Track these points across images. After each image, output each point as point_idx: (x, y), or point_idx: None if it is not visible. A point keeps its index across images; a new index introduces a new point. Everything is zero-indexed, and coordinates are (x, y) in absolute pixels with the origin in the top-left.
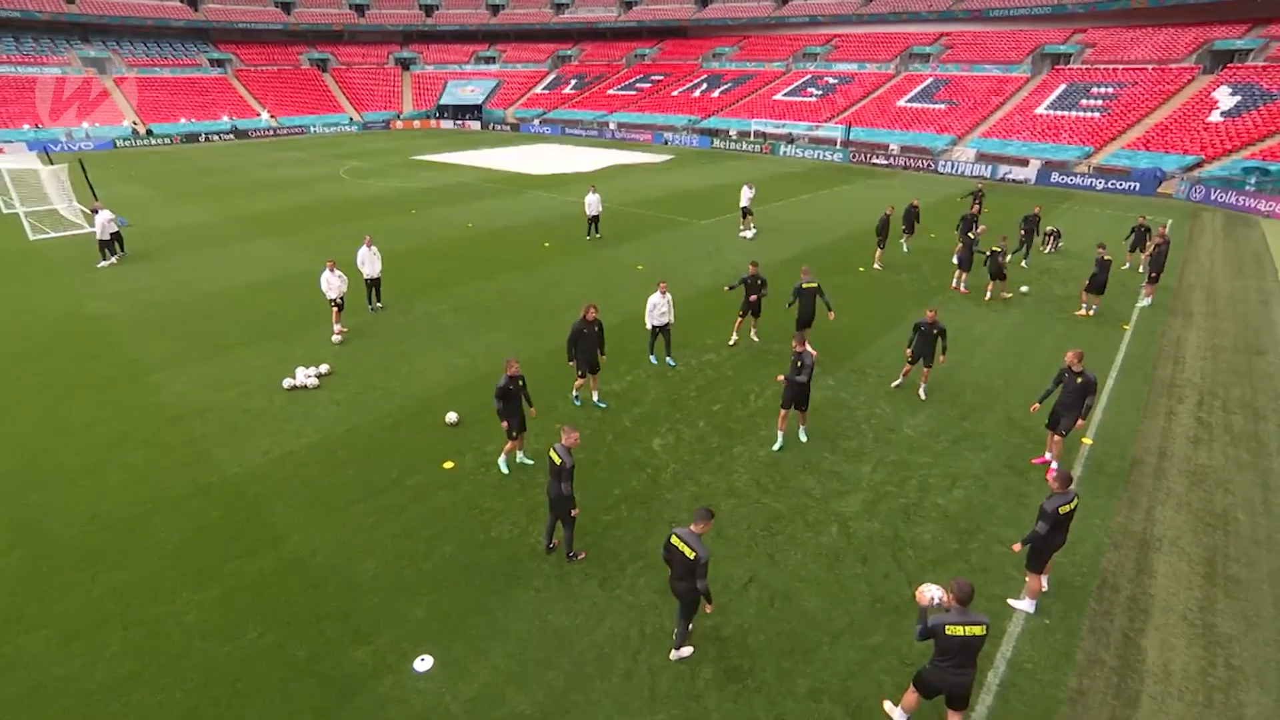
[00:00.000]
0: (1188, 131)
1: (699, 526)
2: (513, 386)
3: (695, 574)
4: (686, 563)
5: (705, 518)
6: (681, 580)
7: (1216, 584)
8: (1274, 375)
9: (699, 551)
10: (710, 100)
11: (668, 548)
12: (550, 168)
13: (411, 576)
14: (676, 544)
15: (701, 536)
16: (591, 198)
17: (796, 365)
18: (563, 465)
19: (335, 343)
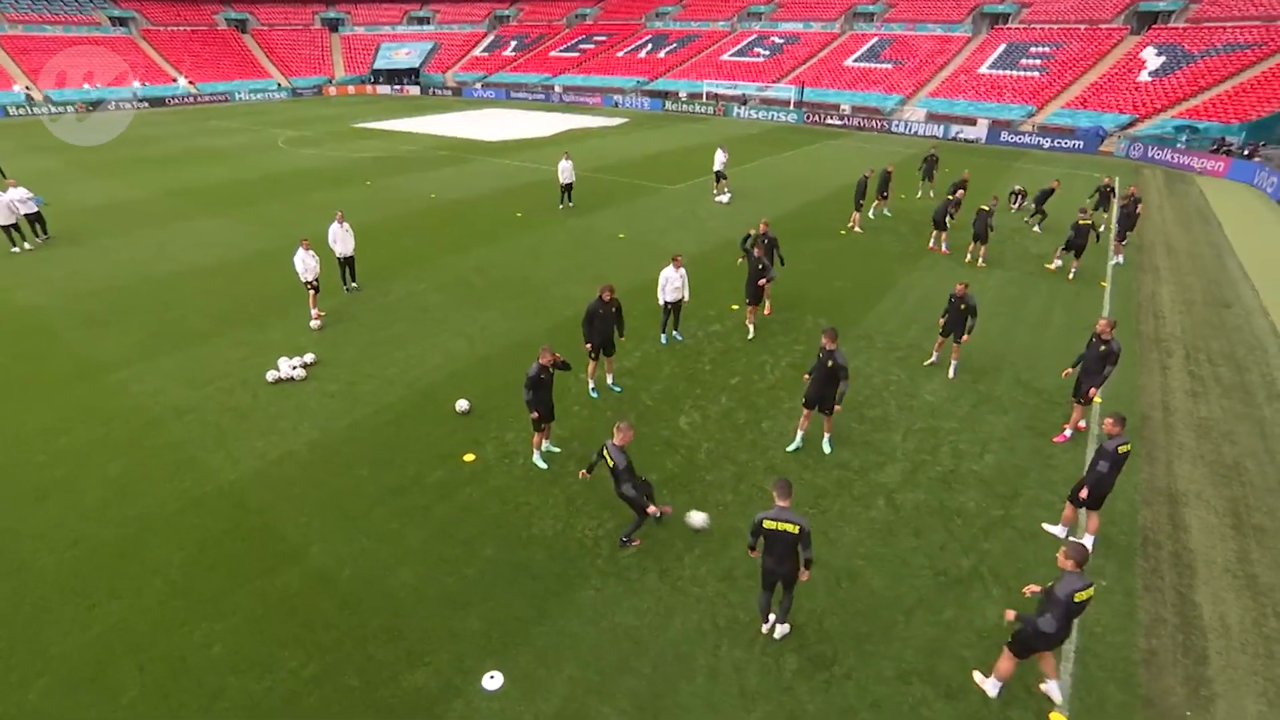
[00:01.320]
0: (1120, 91)
1: (785, 500)
2: (545, 376)
3: (802, 548)
4: (790, 540)
5: (788, 487)
6: (784, 562)
7: (1246, 534)
8: (1243, 327)
9: (801, 522)
10: (657, 61)
11: (764, 535)
12: (504, 133)
13: (455, 585)
14: (775, 526)
15: (789, 506)
16: (564, 165)
17: (826, 365)
18: (616, 467)
19: (314, 328)
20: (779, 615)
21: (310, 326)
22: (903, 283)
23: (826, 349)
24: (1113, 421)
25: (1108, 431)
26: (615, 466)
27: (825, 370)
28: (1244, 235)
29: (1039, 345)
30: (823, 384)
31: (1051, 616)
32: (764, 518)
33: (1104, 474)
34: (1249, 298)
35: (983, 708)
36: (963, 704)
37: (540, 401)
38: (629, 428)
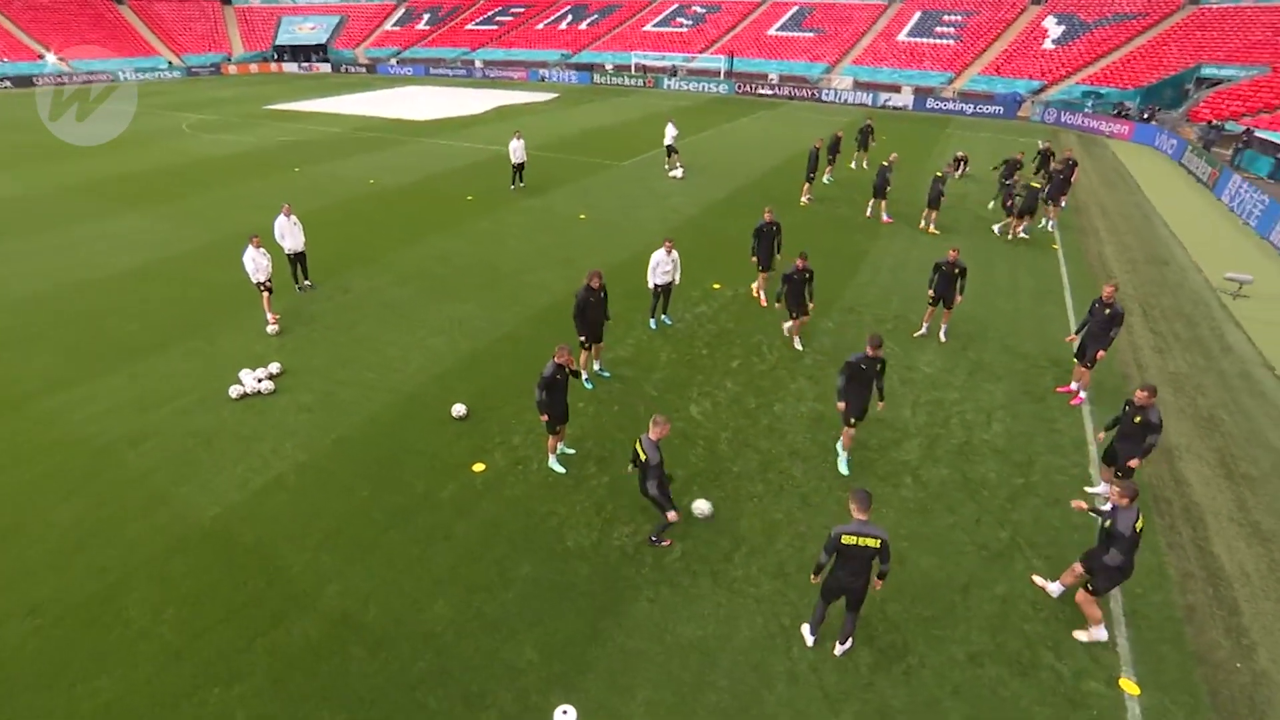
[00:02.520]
0: (1028, 58)
1: (865, 511)
2: (561, 376)
3: (880, 561)
4: (870, 555)
5: (867, 499)
6: (859, 577)
7: (1239, 483)
8: (1183, 283)
9: (883, 535)
10: (579, 33)
11: (841, 551)
12: (433, 112)
13: (497, 612)
14: (854, 542)
15: (869, 519)
16: (516, 144)
17: (870, 367)
18: (647, 461)
19: (272, 334)
20: (842, 635)
21: (267, 332)
22: (873, 253)
23: (871, 355)
24: (1142, 389)
25: (1144, 401)
26: (647, 461)
27: (871, 375)
28: (1160, 195)
29: (1015, 310)
30: (863, 391)
31: (1118, 550)
32: (842, 532)
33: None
34: (1180, 255)
35: (1057, 682)
36: (1036, 679)
37: (555, 403)
38: (666, 421)
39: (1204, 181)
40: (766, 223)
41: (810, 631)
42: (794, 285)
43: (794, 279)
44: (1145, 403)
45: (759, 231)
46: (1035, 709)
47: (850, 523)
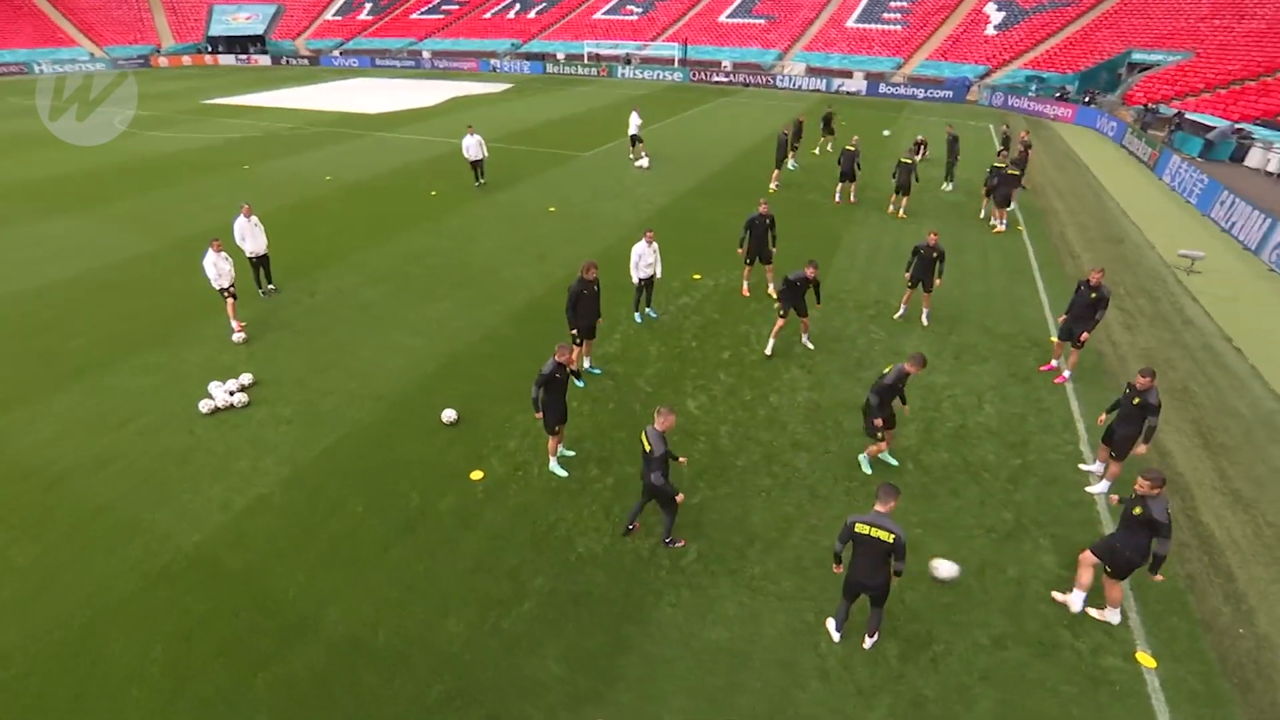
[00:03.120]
0: (972, 44)
1: (887, 505)
2: (560, 375)
3: (895, 559)
4: (884, 550)
5: (893, 494)
6: (875, 574)
7: (1216, 453)
8: (1140, 260)
9: (897, 531)
10: (528, 22)
11: (855, 540)
12: (384, 105)
13: (515, 627)
14: (867, 531)
15: (890, 514)
16: (470, 140)
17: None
18: (652, 453)
19: (239, 342)
20: (869, 629)
21: (233, 341)
22: (847, 238)
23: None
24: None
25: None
26: (651, 452)
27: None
28: (1107, 176)
29: (990, 292)
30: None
31: (1162, 538)
32: (856, 520)
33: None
34: (1134, 233)
35: (1078, 660)
36: (1059, 659)
37: (554, 403)
38: (671, 412)
39: (1145, 162)
40: (760, 215)
41: (835, 628)
42: (794, 290)
43: (797, 285)
44: (1145, 387)
45: (751, 223)
46: (1061, 689)
47: (869, 514)
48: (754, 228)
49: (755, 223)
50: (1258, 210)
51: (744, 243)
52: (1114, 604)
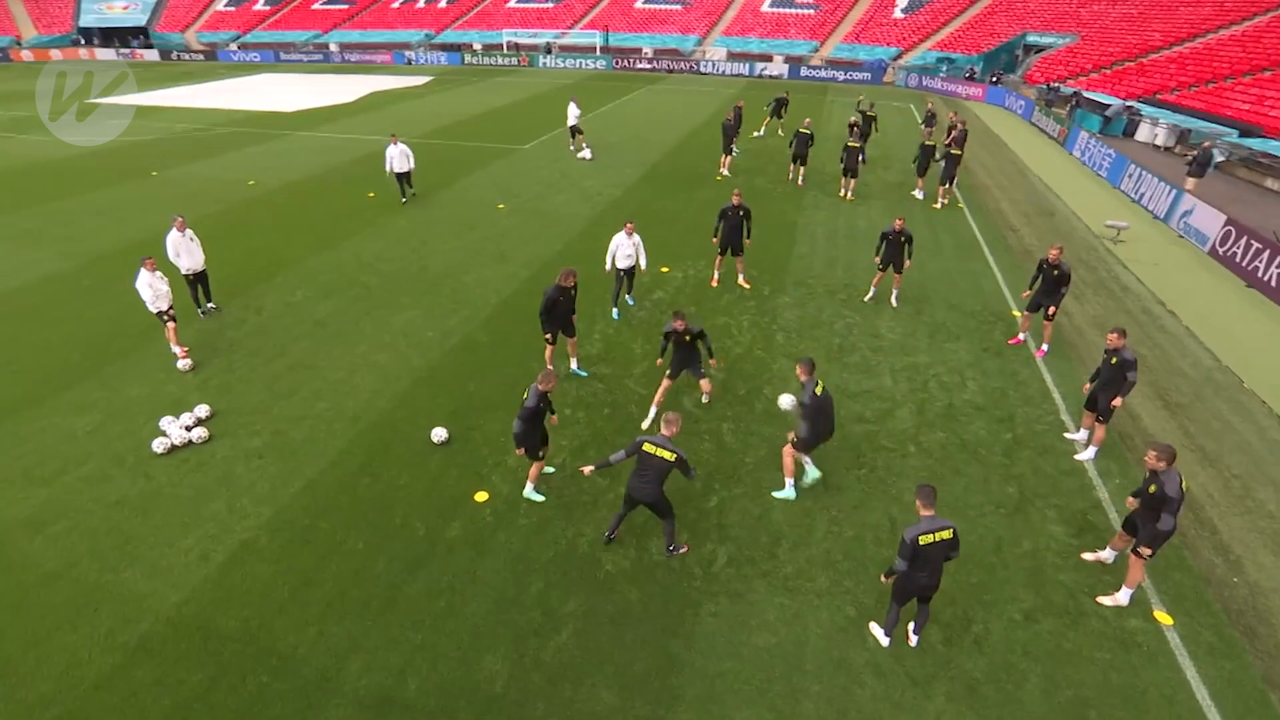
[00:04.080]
0: (882, 27)
1: (931, 508)
2: (544, 405)
3: (953, 550)
4: (947, 547)
5: (933, 497)
6: (936, 573)
7: (1176, 413)
8: (1073, 231)
9: (952, 525)
10: (439, 12)
11: (918, 549)
12: (299, 102)
13: (557, 657)
14: (932, 540)
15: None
16: (394, 150)
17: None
18: (679, 458)
19: (185, 369)
20: (916, 626)
21: (178, 368)
22: (802, 224)
23: (806, 381)
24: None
25: (1118, 343)
26: (678, 458)
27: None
28: (1025, 150)
29: (947, 270)
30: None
31: (1169, 514)
32: (918, 534)
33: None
34: (1060, 206)
35: (1105, 626)
36: (1088, 627)
37: (533, 433)
38: (677, 419)
39: (1054, 138)
40: (734, 205)
41: (885, 634)
42: (680, 345)
43: (680, 338)
44: (1116, 344)
45: (724, 213)
46: (1096, 655)
47: (920, 522)
48: (727, 218)
49: (728, 213)
50: (1163, 182)
51: (718, 232)
52: (1131, 585)
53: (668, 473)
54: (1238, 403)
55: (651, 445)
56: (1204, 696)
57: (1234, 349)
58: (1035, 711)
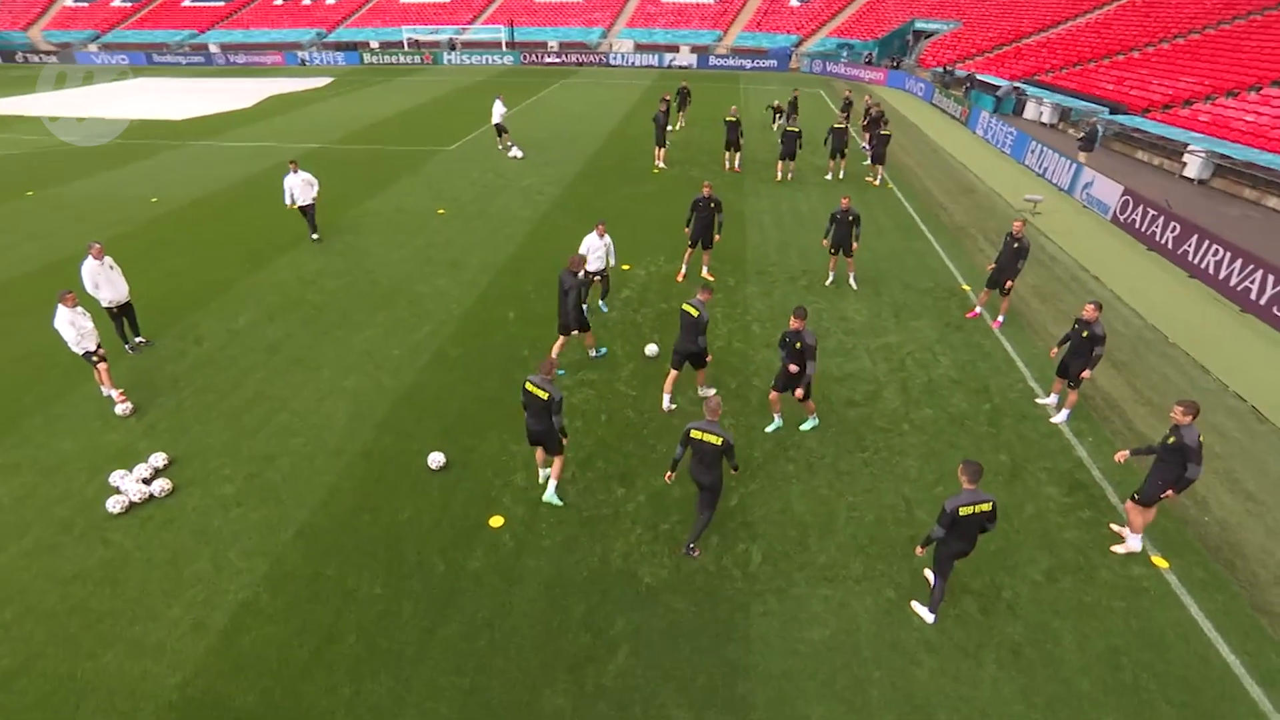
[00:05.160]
0: (781, 15)
1: (974, 483)
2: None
3: (990, 523)
4: (983, 520)
5: (979, 473)
6: (971, 543)
7: (1122, 370)
8: (994, 208)
9: (992, 499)
10: (327, 9)
11: (956, 519)
12: (188, 109)
13: (620, 682)
14: (971, 512)
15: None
16: (295, 180)
17: (794, 346)
18: (722, 445)
19: (124, 414)
20: (933, 600)
21: (116, 414)
22: (749, 211)
23: (793, 329)
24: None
25: (1090, 316)
26: (725, 441)
27: (794, 351)
28: (934, 131)
29: (895, 250)
30: (788, 372)
31: (1194, 464)
32: (958, 506)
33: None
34: (978, 183)
35: (1114, 576)
36: (1101, 579)
37: (552, 429)
38: (718, 403)
39: (957, 118)
40: (704, 197)
41: (930, 610)
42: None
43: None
44: (1091, 317)
45: (696, 205)
46: (1115, 605)
47: (961, 494)
48: (698, 210)
49: (700, 205)
50: (1064, 157)
51: (690, 223)
52: (1135, 530)
53: (720, 457)
54: (1168, 356)
55: (698, 431)
56: (1209, 629)
57: (1152, 308)
58: (1076, 665)
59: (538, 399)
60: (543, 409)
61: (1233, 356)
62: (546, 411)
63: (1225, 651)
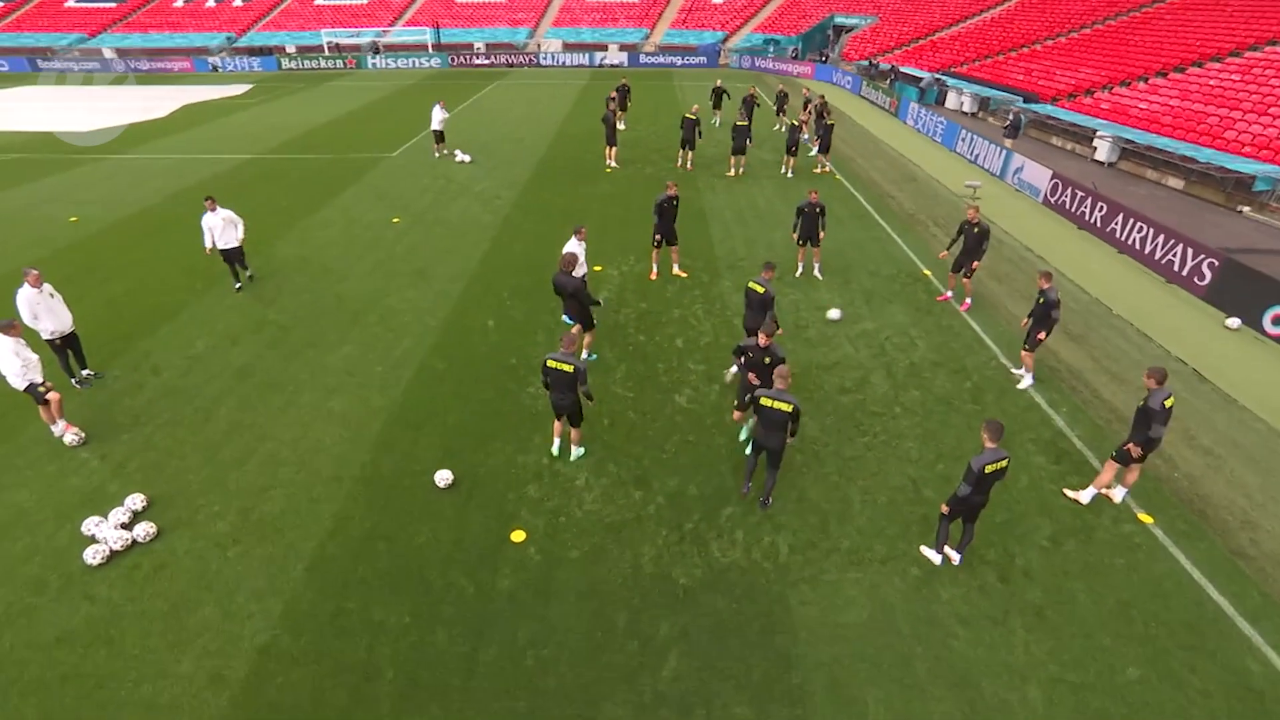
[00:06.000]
0: (703, 12)
1: (996, 442)
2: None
3: (1001, 476)
4: (1001, 476)
5: (1000, 431)
6: (987, 496)
7: (1079, 342)
8: (936, 194)
9: (1008, 456)
10: (234, 11)
11: (982, 477)
12: (94, 120)
13: (676, 687)
14: (995, 468)
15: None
16: (214, 220)
17: (764, 362)
18: (792, 412)
19: (71, 444)
20: (961, 545)
21: (66, 443)
22: (708, 208)
23: (761, 345)
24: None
25: (1045, 286)
26: (792, 411)
27: (763, 367)
28: (867, 122)
29: (854, 239)
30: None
31: (1158, 424)
32: (984, 464)
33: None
34: (918, 170)
35: (1109, 535)
36: (1099, 540)
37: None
38: (788, 370)
39: (887, 109)
40: (669, 196)
41: (936, 551)
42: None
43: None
44: (1043, 284)
45: (660, 206)
46: (1116, 561)
47: (985, 453)
48: (663, 211)
49: (664, 205)
50: (993, 144)
51: (657, 227)
52: (1100, 484)
53: (787, 423)
54: (1115, 327)
55: (769, 399)
56: (1198, 576)
57: (1092, 282)
58: (1094, 621)
59: (564, 373)
60: (569, 382)
61: (1168, 324)
62: (573, 384)
63: (1215, 595)
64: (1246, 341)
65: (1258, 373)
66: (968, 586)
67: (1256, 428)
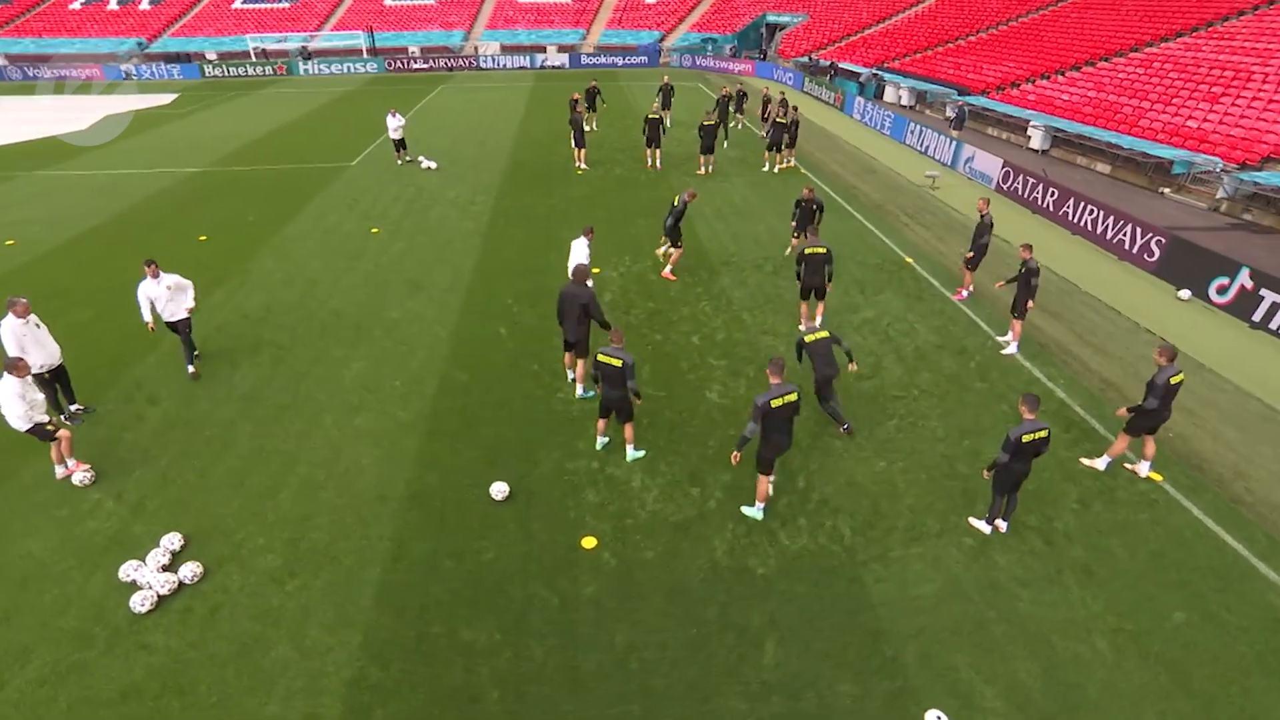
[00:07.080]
0: (638, 12)
1: (1034, 413)
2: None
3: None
4: (1044, 444)
5: (1037, 403)
6: (1028, 465)
7: (1059, 319)
8: (898, 184)
9: (1048, 426)
10: (142, 15)
11: (1020, 446)
12: (14, 132)
13: (780, 672)
14: (1033, 438)
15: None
16: (154, 288)
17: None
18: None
19: (81, 484)
20: (1007, 514)
21: (75, 483)
22: (690, 207)
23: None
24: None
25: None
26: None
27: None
28: (817, 116)
29: (834, 230)
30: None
31: (1154, 398)
32: (1022, 434)
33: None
34: (875, 163)
35: (1130, 496)
36: (1121, 499)
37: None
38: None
39: (832, 104)
40: (685, 201)
41: (988, 523)
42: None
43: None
44: (1024, 254)
45: (676, 211)
46: (1139, 518)
47: (1023, 424)
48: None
49: (676, 210)
50: (943, 135)
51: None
52: (1113, 453)
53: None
54: (1087, 304)
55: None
56: (1212, 524)
57: (1058, 262)
58: (1135, 572)
59: (613, 368)
60: (619, 377)
61: (1130, 298)
62: (622, 379)
63: (1230, 540)
64: (1198, 310)
65: (1213, 339)
66: (1019, 551)
67: (1225, 389)
